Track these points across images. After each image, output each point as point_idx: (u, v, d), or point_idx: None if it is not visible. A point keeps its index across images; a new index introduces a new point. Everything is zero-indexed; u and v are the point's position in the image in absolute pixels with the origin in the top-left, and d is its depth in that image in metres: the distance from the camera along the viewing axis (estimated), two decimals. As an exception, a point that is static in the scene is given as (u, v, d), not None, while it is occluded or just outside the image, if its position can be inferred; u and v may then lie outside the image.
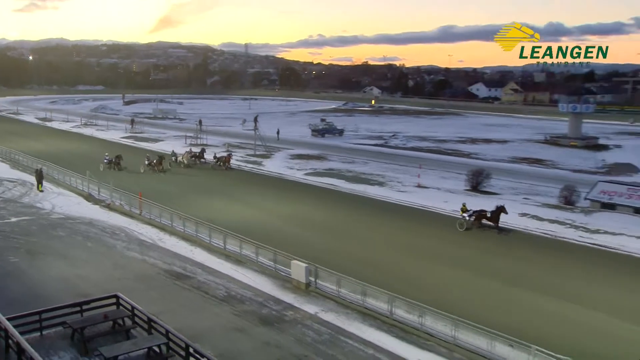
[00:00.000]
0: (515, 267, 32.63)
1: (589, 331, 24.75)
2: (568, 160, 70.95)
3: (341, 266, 29.81)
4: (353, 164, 64.80)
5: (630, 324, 25.29)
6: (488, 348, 22.40)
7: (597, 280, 30.70)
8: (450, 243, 37.15)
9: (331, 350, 23.37)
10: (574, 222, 40.43)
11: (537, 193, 50.24)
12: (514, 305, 27.48)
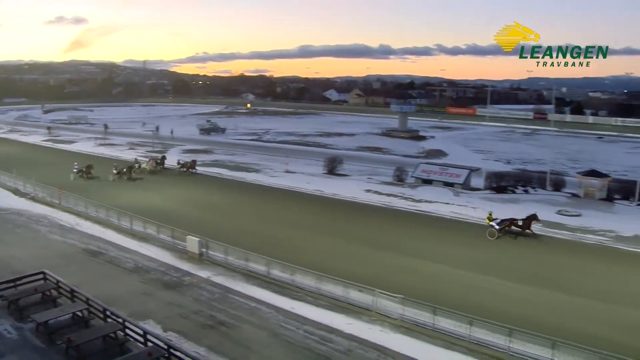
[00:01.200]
0: (365, 231, 36.30)
1: (423, 276, 28.14)
2: (399, 147, 76.42)
3: (229, 238, 32.15)
4: (234, 155, 68.06)
5: (447, 267, 29.49)
6: (344, 295, 25.39)
7: (421, 236, 35.24)
8: (312, 214, 41.08)
9: (221, 305, 25.49)
10: (404, 194, 46.25)
11: (377, 174, 54.62)
12: (364, 261, 30.42)
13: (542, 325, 21.88)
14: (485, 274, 28.66)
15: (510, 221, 35.37)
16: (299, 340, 22.47)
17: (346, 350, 21.67)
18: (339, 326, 23.52)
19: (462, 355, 21.29)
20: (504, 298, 25.86)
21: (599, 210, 41.65)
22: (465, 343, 21.77)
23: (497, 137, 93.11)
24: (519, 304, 25.18)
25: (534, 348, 20.63)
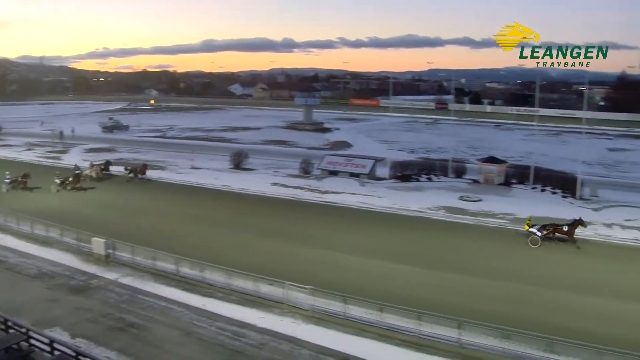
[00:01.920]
0: (273, 224, 36.24)
1: (332, 266, 28.59)
2: (304, 140, 76.90)
3: (136, 238, 31.31)
4: (138, 153, 66.17)
5: (355, 256, 30.07)
6: (255, 289, 25.54)
7: (328, 227, 35.72)
8: (220, 209, 40.72)
9: (131, 307, 25.00)
10: (311, 186, 46.79)
11: (284, 167, 54.79)
12: (273, 254, 30.37)
13: (448, 307, 22.79)
14: (393, 261, 29.38)
15: (553, 227, 32.78)
16: (212, 337, 22.41)
17: (259, 344, 21.77)
18: (251, 321, 23.58)
19: (373, 342, 21.83)
20: (412, 284, 26.56)
21: (498, 195, 43.65)
22: (376, 329, 22.33)
23: (400, 127, 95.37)
24: (427, 288, 26.01)
25: (442, 329, 21.36)
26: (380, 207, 40.37)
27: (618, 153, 70.74)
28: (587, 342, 19.54)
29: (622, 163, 63.05)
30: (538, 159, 51.51)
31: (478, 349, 20.76)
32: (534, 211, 37.89)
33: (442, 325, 21.40)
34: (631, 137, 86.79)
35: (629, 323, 22.61)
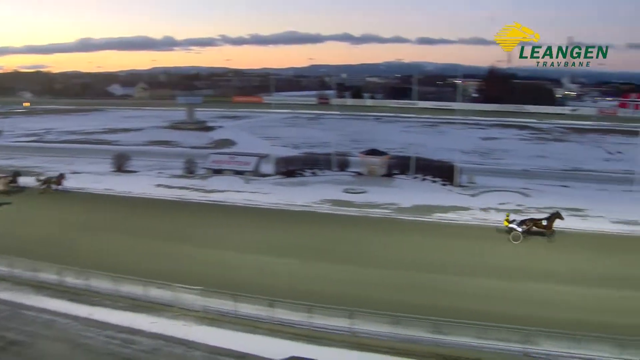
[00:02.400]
0: (159, 226, 35.21)
1: (220, 265, 28.32)
2: (187, 140, 74.99)
3: (14, 249, 28.91)
4: (13, 159, 61.43)
5: (242, 253, 30.04)
6: (144, 294, 24.65)
7: (214, 226, 35.41)
8: (104, 214, 38.55)
9: (11, 324, 23.45)
10: (196, 186, 45.86)
11: (167, 168, 53.15)
12: (161, 256, 29.48)
13: (340, 297, 23.22)
14: (282, 257, 29.40)
15: (532, 221, 32.72)
16: (101, 347, 21.58)
17: (152, 350, 21.22)
18: (141, 326, 22.86)
19: (265, 337, 21.81)
20: (303, 277, 26.77)
21: (382, 186, 44.79)
22: (268, 325, 22.31)
23: (284, 123, 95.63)
24: (318, 280, 26.32)
25: (334, 320, 21.70)
26: (267, 204, 40.29)
27: (491, 141, 74.53)
28: (472, 321, 20.57)
29: (495, 151, 66.55)
30: (418, 149, 53.53)
31: (370, 336, 21.21)
32: (416, 199, 39.55)
33: (334, 317, 21.69)
34: (501, 127, 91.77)
35: (504, 300, 24.11)
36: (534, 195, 42.09)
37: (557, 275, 26.80)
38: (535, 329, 20.22)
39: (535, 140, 78.45)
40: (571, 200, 40.14)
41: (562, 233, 32.98)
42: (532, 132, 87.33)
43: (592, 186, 46.15)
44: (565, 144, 74.80)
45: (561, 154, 64.62)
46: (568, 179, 48.00)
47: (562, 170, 52.83)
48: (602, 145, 73.44)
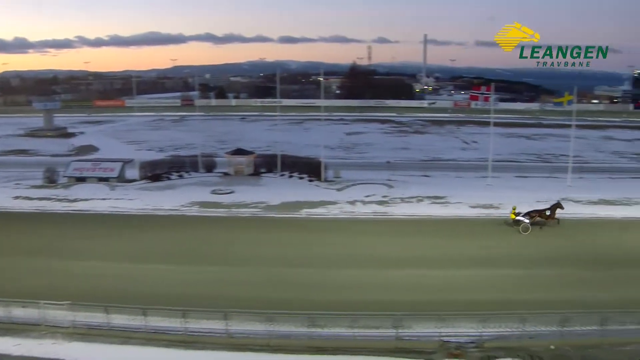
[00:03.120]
0: (21, 241, 32.61)
1: (85, 276, 26.82)
2: (47, 147, 70.76)
3: None
4: None
5: (105, 262, 28.79)
6: (6, 314, 22.75)
7: (79, 236, 33.28)
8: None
9: None
10: (58, 196, 43.25)
11: (26, 178, 49.62)
12: (22, 273, 27.54)
13: (215, 299, 23.03)
14: (152, 263, 28.67)
15: (537, 212, 34.25)
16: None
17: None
18: (5, 350, 21.20)
19: (140, 347, 21.16)
20: (176, 282, 26.14)
21: (249, 185, 44.79)
22: (142, 334, 21.63)
23: (148, 127, 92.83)
24: (191, 284, 25.82)
25: (209, 323, 21.53)
26: (133, 210, 38.98)
27: (354, 136, 76.85)
28: (345, 312, 21.18)
29: (359, 145, 68.60)
30: (284, 147, 54.09)
31: (246, 336, 21.19)
32: (284, 197, 39.93)
33: (209, 319, 21.48)
34: (364, 121, 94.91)
35: (377, 287, 24.99)
36: (398, 186, 43.85)
37: (429, 260, 28.44)
38: (403, 313, 21.07)
39: (396, 133, 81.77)
40: (433, 189, 42.44)
41: (428, 220, 34.89)
42: (393, 125, 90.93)
43: (451, 174, 48.84)
44: (425, 136, 78.65)
45: (422, 146, 67.86)
46: (429, 169, 50.22)
47: (423, 161, 55.33)
48: (459, 136, 77.87)
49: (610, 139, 79.09)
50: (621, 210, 38.45)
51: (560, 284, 26.04)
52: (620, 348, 20.82)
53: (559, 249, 30.78)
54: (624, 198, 41.19)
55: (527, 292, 24.90)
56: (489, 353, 20.24)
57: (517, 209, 34.33)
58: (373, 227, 34.12)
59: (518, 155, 61.97)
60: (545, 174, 49.67)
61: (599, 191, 43.08)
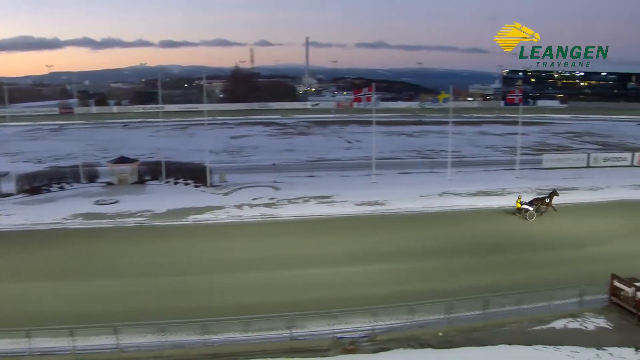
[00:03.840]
0: None
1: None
2: None
3: None
4: None
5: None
6: None
7: None
8: None
9: None
10: None
11: None
12: None
13: (104, 315, 21.98)
14: (33, 281, 26.88)
15: (539, 200, 38.03)
16: None
17: None
18: None
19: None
20: (63, 300, 24.68)
21: (134, 194, 43.47)
22: (28, 358, 20.19)
23: (23, 137, 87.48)
24: (78, 301, 24.54)
25: (99, 339, 20.70)
26: (12, 226, 36.42)
27: (239, 139, 76.63)
28: (238, 316, 21.20)
29: (244, 148, 68.43)
30: (168, 153, 53.04)
31: (139, 349, 20.60)
32: (170, 204, 39.16)
33: (99, 335, 20.67)
34: (249, 124, 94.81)
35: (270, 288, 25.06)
36: (285, 187, 44.21)
37: (317, 259, 28.83)
38: (296, 313, 21.38)
39: (281, 135, 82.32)
40: (319, 189, 43.19)
41: (315, 220, 35.46)
42: (278, 127, 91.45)
43: (336, 174, 49.92)
44: (309, 137, 79.67)
45: (306, 147, 68.69)
46: (314, 170, 51.06)
47: (309, 162, 56.08)
48: (343, 136, 79.46)
49: (484, 134, 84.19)
50: (497, 200, 41.22)
51: (447, 273, 27.44)
52: (501, 328, 22.20)
53: (441, 240, 32.40)
54: (499, 189, 44.32)
55: (416, 283, 26.02)
56: (381, 345, 20.86)
57: (521, 198, 38.04)
58: (261, 230, 34.24)
59: (400, 152, 64.46)
60: (426, 169, 52.07)
61: (477, 183, 46.00)
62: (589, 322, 22.89)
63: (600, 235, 33.56)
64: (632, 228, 35.14)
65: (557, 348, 20.69)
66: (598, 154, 58.60)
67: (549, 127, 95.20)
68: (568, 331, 22.13)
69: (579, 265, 28.21)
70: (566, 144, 74.99)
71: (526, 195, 39.93)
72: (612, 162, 56.78)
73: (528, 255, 30.08)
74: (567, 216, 37.86)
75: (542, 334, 21.89)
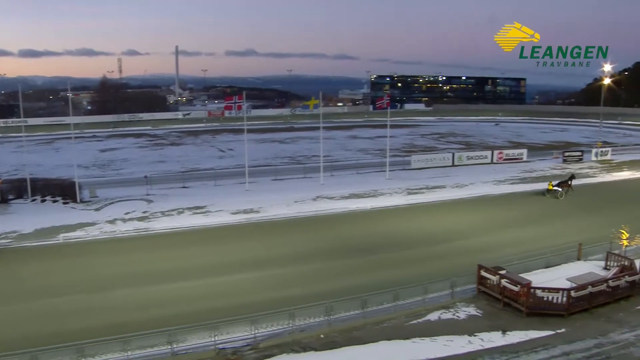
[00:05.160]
0: None
1: None
2: None
3: None
4: None
5: None
6: None
7: None
8: None
9: None
10: None
11: None
12: None
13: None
14: None
15: (564, 183, 46.04)
16: None
17: None
18: None
19: None
20: None
21: (-3, 214, 40.41)
22: None
23: None
24: None
25: None
26: None
27: (109, 152, 73.63)
28: (116, 336, 20.18)
29: (115, 161, 65.86)
30: (33, 169, 49.91)
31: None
32: (38, 223, 36.75)
33: None
34: (119, 137, 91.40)
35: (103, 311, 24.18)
36: (158, 200, 43.00)
37: (195, 270, 28.11)
38: (176, 327, 20.79)
39: (153, 146, 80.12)
40: (193, 200, 42.44)
41: (190, 231, 34.81)
42: (149, 139, 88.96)
43: (210, 184, 49.23)
44: (181, 147, 78.14)
45: (179, 157, 67.28)
46: (188, 180, 50.02)
47: (181, 173, 54.69)
48: (215, 145, 78.63)
49: (355, 138, 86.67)
50: (370, 202, 42.54)
51: (327, 275, 27.94)
52: (380, 325, 22.81)
53: (318, 243, 32.92)
54: (371, 190, 45.82)
55: (296, 287, 26.27)
56: (264, 352, 20.71)
57: (552, 182, 46.10)
58: (135, 244, 33.05)
59: (273, 159, 64.75)
60: (299, 175, 52.64)
61: (349, 186, 47.29)
62: (460, 311, 24.20)
63: (467, 229, 35.82)
64: (494, 221, 38.13)
65: (433, 339, 21.62)
66: (462, 153, 62.55)
67: (416, 129, 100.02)
68: (442, 322, 23.20)
69: (449, 259, 29.84)
70: (432, 144, 79.08)
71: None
72: (474, 160, 60.87)
73: (403, 252, 31.23)
74: (437, 213, 39.97)
75: (418, 327, 22.77)
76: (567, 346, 21.18)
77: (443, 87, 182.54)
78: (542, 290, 23.98)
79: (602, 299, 24.73)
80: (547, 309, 23.77)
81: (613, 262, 27.91)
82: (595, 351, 20.93)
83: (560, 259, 28.94)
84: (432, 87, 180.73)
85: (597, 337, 21.97)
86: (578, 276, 26.30)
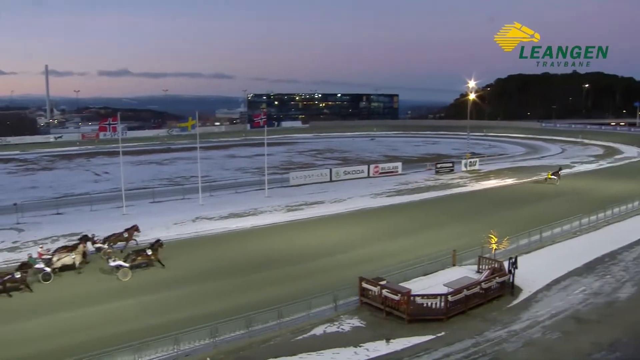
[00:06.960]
0: None
1: None
2: None
3: None
4: None
5: None
6: None
7: None
8: None
9: None
10: None
11: None
12: None
13: None
14: None
15: (556, 173, 56.75)
16: None
17: None
18: None
19: None
20: None
21: None
22: None
23: None
24: None
25: None
26: None
27: (-26, 180, 68.03)
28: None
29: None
30: None
31: None
32: None
33: None
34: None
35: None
36: (30, 228, 40.30)
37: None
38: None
39: (22, 171, 75.06)
40: (68, 226, 40.20)
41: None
42: (18, 164, 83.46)
43: (86, 209, 46.75)
44: (54, 172, 73.86)
45: (51, 182, 63.58)
46: (62, 206, 47.16)
47: (55, 199, 51.43)
48: (90, 168, 75.08)
49: (233, 157, 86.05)
50: (250, 220, 42.11)
51: (214, 296, 27.31)
52: (266, 344, 22.40)
53: (201, 264, 32.24)
54: (251, 209, 45.41)
55: (184, 310, 25.42)
56: (147, 382, 19.73)
57: (550, 173, 58.09)
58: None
59: (150, 181, 62.66)
60: (178, 196, 51.31)
61: (229, 206, 46.73)
62: (345, 323, 24.35)
63: (348, 242, 36.40)
64: (373, 233, 38.96)
65: (320, 353, 21.56)
66: (339, 169, 63.79)
67: (293, 147, 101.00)
68: (327, 335, 23.22)
69: (332, 273, 30.14)
70: (310, 161, 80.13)
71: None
72: (351, 175, 62.30)
73: (286, 269, 31.14)
74: (317, 228, 40.42)
75: (304, 342, 22.61)
76: (447, 348, 21.92)
77: (319, 105, 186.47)
78: (422, 297, 24.77)
79: (477, 300, 25.94)
80: (427, 314, 24.51)
81: (484, 265, 29.40)
82: (472, 350, 21.80)
83: (436, 266, 30.07)
84: (308, 105, 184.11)
85: (474, 337, 22.92)
86: (454, 281, 27.55)
